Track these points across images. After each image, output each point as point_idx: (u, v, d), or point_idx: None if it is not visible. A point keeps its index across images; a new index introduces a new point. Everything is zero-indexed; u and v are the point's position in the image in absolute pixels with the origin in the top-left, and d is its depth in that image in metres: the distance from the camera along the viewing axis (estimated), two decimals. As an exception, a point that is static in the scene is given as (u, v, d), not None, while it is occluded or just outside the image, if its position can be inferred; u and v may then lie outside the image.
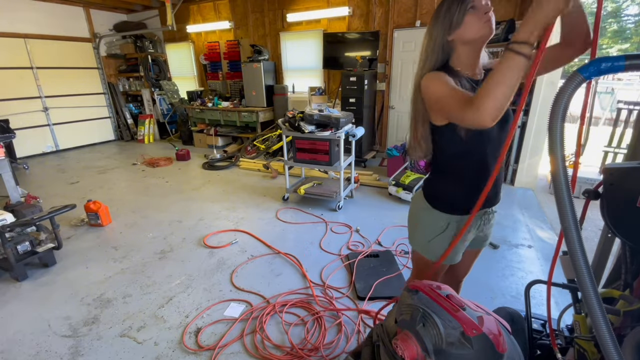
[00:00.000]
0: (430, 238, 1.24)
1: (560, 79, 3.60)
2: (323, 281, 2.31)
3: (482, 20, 1.01)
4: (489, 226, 1.31)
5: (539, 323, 1.41)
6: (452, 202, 1.19)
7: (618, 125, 4.20)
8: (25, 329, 1.97)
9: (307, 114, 3.29)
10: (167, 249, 2.81)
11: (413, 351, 0.98)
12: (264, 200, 3.80)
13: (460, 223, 1.20)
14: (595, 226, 2.99)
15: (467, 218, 1.16)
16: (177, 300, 2.18)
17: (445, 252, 1.23)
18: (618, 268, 1.17)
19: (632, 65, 0.69)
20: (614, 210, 1.03)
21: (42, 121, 6.12)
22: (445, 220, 1.20)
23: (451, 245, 1.21)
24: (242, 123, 5.94)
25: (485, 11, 1.01)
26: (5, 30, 5.45)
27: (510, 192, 3.87)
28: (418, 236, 1.30)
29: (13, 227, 2.41)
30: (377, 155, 5.44)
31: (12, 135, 3.35)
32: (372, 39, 4.85)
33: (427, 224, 1.25)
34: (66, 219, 3.34)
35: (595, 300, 0.71)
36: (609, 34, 10.16)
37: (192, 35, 6.81)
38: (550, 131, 0.74)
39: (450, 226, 1.20)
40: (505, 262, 2.50)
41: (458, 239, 1.19)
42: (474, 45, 1.07)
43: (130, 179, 4.70)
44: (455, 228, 1.20)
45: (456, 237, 1.19)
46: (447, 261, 1.26)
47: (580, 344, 1.13)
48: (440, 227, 1.21)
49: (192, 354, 1.76)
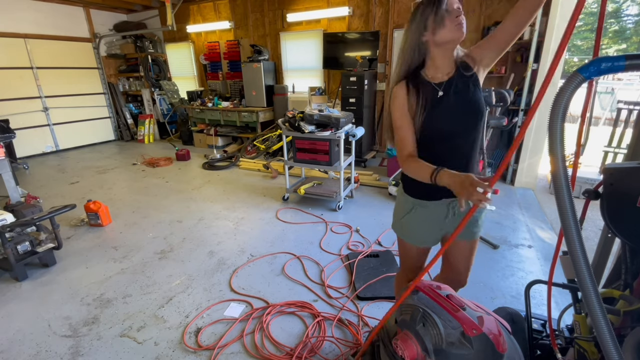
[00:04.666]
0: (400, 217, 1.40)
1: (560, 78, 3.60)
2: (323, 281, 2.31)
3: (454, 24, 1.10)
4: (456, 218, 1.32)
5: (539, 323, 1.42)
6: (413, 187, 1.32)
7: (618, 125, 4.20)
8: (25, 329, 1.97)
9: (307, 114, 3.29)
10: (167, 249, 2.82)
11: (413, 351, 0.98)
12: (264, 200, 3.80)
13: (426, 209, 1.31)
14: (595, 226, 2.99)
15: (432, 204, 1.29)
16: (177, 300, 2.18)
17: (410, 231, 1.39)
18: (618, 268, 1.17)
19: (632, 65, 0.69)
20: (614, 210, 1.03)
21: (42, 121, 6.12)
22: (411, 202, 1.34)
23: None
24: (242, 123, 5.94)
25: (456, 15, 1.09)
26: (5, 30, 5.45)
27: (510, 192, 3.86)
28: (394, 217, 1.46)
29: (13, 227, 2.41)
30: (377, 155, 5.44)
31: (12, 135, 3.35)
32: (372, 39, 4.85)
33: (399, 205, 1.42)
34: (66, 219, 3.34)
35: (595, 300, 0.70)
36: (610, 34, 10.17)
37: (192, 35, 6.81)
38: (550, 131, 0.74)
39: (415, 209, 1.33)
40: (505, 262, 2.50)
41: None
42: (446, 46, 1.16)
43: (130, 179, 4.70)
44: (420, 212, 1.33)
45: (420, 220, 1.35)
46: (415, 241, 1.39)
47: (580, 344, 1.13)
48: (407, 208, 1.35)
49: (192, 354, 1.76)
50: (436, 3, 1.10)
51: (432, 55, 1.19)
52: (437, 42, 1.14)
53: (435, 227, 1.35)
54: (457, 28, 1.10)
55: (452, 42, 1.14)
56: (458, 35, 1.12)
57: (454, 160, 1.22)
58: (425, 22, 1.13)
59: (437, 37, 1.13)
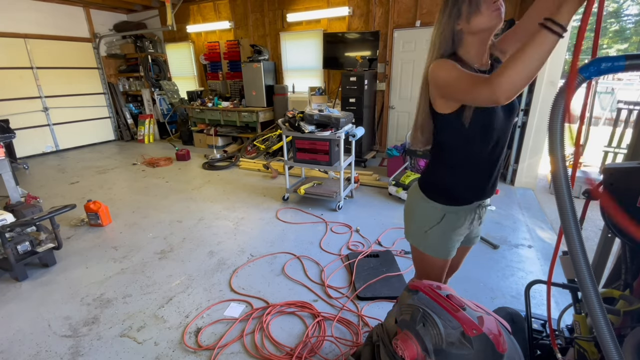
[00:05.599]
0: (426, 229, 1.22)
1: (560, 78, 3.60)
2: (323, 281, 2.31)
3: (491, 9, 1.00)
4: (480, 222, 1.31)
5: (539, 323, 1.41)
6: (449, 192, 1.18)
7: (618, 125, 4.20)
8: (26, 329, 1.97)
9: (307, 114, 3.29)
10: (167, 249, 2.82)
11: (413, 351, 0.98)
12: (264, 200, 3.80)
13: (456, 215, 1.19)
14: (595, 226, 2.99)
15: (462, 209, 1.17)
16: (177, 300, 2.18)
17: (443, 245, 1.23)
18: (618, 268, 1.17)
19: (632, 65, 0.69)
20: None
21: (42, 121, 6.12)
22: (441, 210, 1.19)
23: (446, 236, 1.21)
24: (242, 123, 5.94)
25: (494, 0, 1.00)
26: (5, 30, 5.45)
27: (510, 192, 3.86)
28: (414, 229, 1.28)
29: (13, 227, 2.40)
30: (377, 155, 5.44)
31: (12, 135, 3.35)
32: (372, 39, 4.84)
33: (422, 215, 1.24)
34: (66, 219, 3.34)
35: (595, 300, 0.70)
36: (610, 34, 10.16)
37: (192, 35, 6.81)
38: (550, 131, 0.74)
39: (446, 217, 1.19)
40: (505, 262, 2.50)
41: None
42: (482, 35, 1.05)
43: (130, 179, 4.69)
44: (451, 220, 1.19)
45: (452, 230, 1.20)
46: (444, 255, 1.24)
47: (580, 344, 1.13)
48: (436, 218, 1.20)
49: (192, 354, 1.76)
50: None
51: (466, 45, 1.07)
52: (473, 30, 1.04)
53: (461, 235, 1.25)
54: (496, 15, 1.00)
55: (489, 30, 1.04)
56: (496, 22, 1.01)
57: (491, 161, 1.13)
58: (460, 8, 1.02)
59: (473, 25, 1.02)
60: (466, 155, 1.13)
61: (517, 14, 4.04)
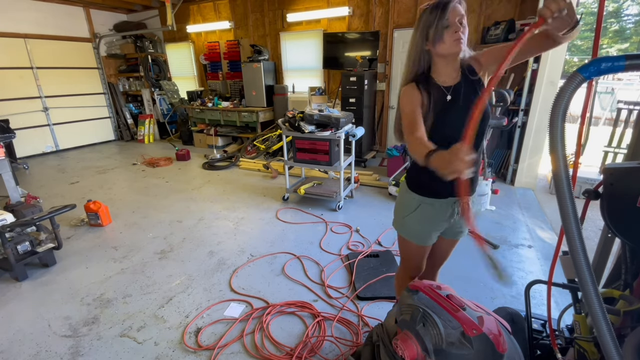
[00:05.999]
0: (404, 215, 1.38)
1: (560, 78, 3.60)
2: (323, 281, 2.31)
3: (452, 39, 1.11)
4: (461, 218, 1.36)
5: (539, 323, 1.42)
6: (421, 184, 1.32)
7: (618, 125, 4.20)
8: (25, 329, 1.97)
9: (307, 114, 3.29)
10: (167, 249, 2.81)
11: (413, 351, 0.98)
12: (264, 200, 3.80)
13: (432, 206, 1.31)
14: (595, 226, 2.99)
15: (438, 202, 1.29)
16: (177, 300, 2.18)
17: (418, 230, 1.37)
18: (618, 268, 1.17)
19: (632, 65, 0.69)
20: (614, 210, 1.03)
21: (42, 121, 6.12)
22: (417, 200, 1.33)
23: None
24: (242, 123, 5.94)
25: (455, 30, 1.10)
26: (5, 30, 5.45)
27: (510, 192, 3.86)
28: (396, 216, 1.45)
29: (13, 227, 2.40)
30: (377, 155, 5.44)
31: (12, 135, 3.35)
32: (372, 39, 4.84)
33: (403, 203, 1.40)
34: (66, 219, 3.34)
35: (595, 300, 0.70)
36: (610, 34, 10.17)
37: (192, 35, 6.81)
38: (550, 131, 0.74)
39: (422, 207, 1.32)
40: (505, 262, 2.50)
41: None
42: (447, 58, 1.17)
43: (130, 179, 4.69)
44: (426, 210, 1.32)
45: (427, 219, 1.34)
46: (419, 241, 1.38)
47: (580, 344, 1.13)
48: (412, 207, 1.34)
49: (192, 354, 1.76)
50: (437, 15, 1.10)
51: (435, 65, 1.21)
52: (438, 54, 1.17)
53: (438, 226, 1.36)
54: (455, 44, 1.11)
55: (450, 56, 1.16)
56: (456, 51, 1.13)
57: None
58: (427, 32, 1.14)
59: (437, 49, 1.15)
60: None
61: (517, 14, 4.04)
